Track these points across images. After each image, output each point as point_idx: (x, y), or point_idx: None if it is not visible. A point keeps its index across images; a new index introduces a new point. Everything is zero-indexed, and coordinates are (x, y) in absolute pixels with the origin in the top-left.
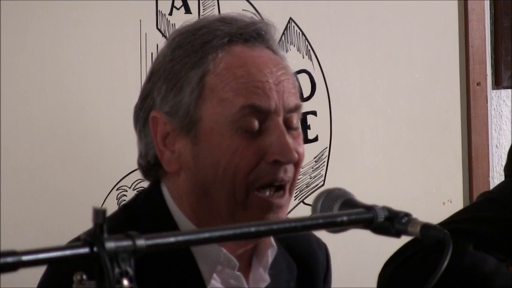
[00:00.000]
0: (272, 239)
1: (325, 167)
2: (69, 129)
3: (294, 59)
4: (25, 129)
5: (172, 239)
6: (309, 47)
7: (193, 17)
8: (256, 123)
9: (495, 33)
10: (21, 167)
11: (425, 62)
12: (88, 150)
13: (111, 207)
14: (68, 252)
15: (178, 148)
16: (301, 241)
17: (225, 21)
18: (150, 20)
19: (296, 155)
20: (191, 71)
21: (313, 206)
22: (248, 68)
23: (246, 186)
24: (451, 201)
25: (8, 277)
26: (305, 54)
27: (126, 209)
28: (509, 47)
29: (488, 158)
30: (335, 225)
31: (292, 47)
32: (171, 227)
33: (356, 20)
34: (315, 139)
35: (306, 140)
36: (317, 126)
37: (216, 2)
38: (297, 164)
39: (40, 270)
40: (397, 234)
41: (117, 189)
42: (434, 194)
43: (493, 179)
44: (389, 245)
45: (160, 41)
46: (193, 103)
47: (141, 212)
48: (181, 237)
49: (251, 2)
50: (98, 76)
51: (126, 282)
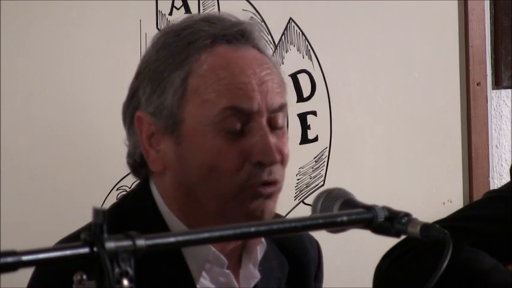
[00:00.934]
0: None
1: (325, 167)
2: (69, 129)
3: (294, 59)
4: (25, 129)
5: (172, 239)
6: (309, 47)
7: None
8: (238, 125)
9: (495, 33)
10: (21, 167)
11: (425, 62)
12: (88, 150)
13: None
14: (68, 252)
15: (163, 148)
16: (292, 238)
17: (209, 21)
18: (150, 20)
19: (278, 157)
20: (174, 72)
21: (313, 206)
22: (231, 69)
23: (233, 186)
24: (451, 201)
25: (8, 277)
26: (305, 54)
27: (115, 208)
28: (509, 47)
29: (488, 158)
30: (335, 225)
31: (292, 47)
32: (161, 226)
33: (356, 20)
34: (315, 139)
35: (306, 140)
36: (317, 126)
37: (216, 2)
38: (282, 164)
39: None
40: (397, 234)
41: (117, 189)
42: (434, 194)
43: (493, 179)
44: (389, 245)
45: None
46: (176, 104)
47: (130, 212)
48: (181, 237)
49: (251, 2)
50: (98, 76)
51: (126, 282)
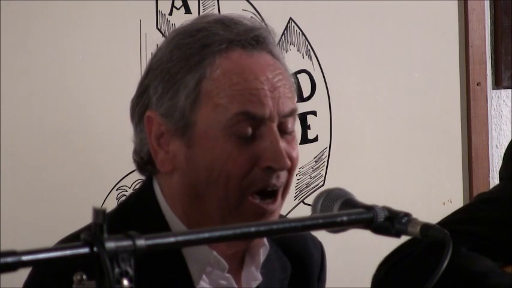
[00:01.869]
0: (265, 238)
1: (325, 167)
2: (69, 129)
3: (294, 59)
4: (25, 129)
5: (172, 239)
6: (309, 47)
7: (193, 17)
8: (249, 130)
9: (495, 33)
10: (21, 167)
11: (425, 62)
12: (88, 150)
13: (111, 207)
14: (68, 252)
15: (173, 149)
16: (296, 239)
17: (224, 23)
18: (150, 20)
19: (289, 162)
20: (188, 74)
21: (313, 206)
22: (244, 75)
23: (239, 192)
24: (451, 201)
25: (8, 277)
26: (305, 54)
27: (120, 208)
28: (509, 47)
29: (488, 158)
30: (335, 225)
31: (292, 47)
32: (163, 227)
33: (356, 20)
34: (315, 139)
35: (306, 140)
36: (317, 126)
37: (216, 2)
38: (290, 170)
39: None
40: (397, 234)
41: (117, 189)
42: (434, 194)
43: (493, 179)
44: (389, 245)
45: (160, 41)
46: (188, 107)
47: (134, 212)
48: (181, 237)
49: (251, 2)
50: (98, 76)
51: (126, 282)
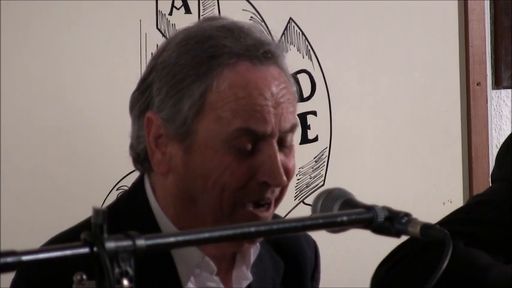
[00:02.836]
0: None
1: (325, 167)
2: (69, 129)
3: (294, 59)
4: (25, 129)
5: (172, 239)
6: (309, 47)
7: (193, 17)
8: (249, 145)
9: (495, 33)
10: (21, 167)
11: (425, 62)
12: (88, 150)
13: None
14: (68, 252)
15: (170, 151)
16: (288, 238)
17: (233, 34)
18: (150, 20)
19: (285, 179)
20: (194, 83)
21: (313, 206)
22: (249, 90)
23: (233, 202)
24: (451, 201)
25: (8, 277)
26: (305, 54)
27: (112, 207)
28: (509, 47)
29: (488, 158)
30: (335, 225)
31: (292, 47)
32: (153, 228)
33: (356, 20)
34: (315, 139)
35: (306, 140)
36: (317, 126)
37: (216, 2)
38: (287, 179)
39: None
40: (397, 234)
41: (117, 189)
42: (434, 194)
43: None
44: (389, 245)
45: (160, 41)
46: (191, 116)
47: (124, 212)
48: (181, 237)
49: (251, 2)
50: (98, 76)
51: (126, 282)
